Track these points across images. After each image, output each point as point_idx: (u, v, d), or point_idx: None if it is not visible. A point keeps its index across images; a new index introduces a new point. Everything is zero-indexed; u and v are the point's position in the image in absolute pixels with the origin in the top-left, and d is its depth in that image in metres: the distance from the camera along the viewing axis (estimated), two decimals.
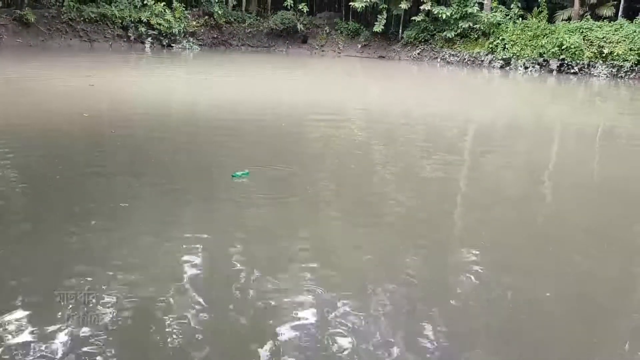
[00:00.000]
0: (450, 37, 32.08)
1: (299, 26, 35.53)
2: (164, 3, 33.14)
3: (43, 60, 23.39)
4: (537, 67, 28.87)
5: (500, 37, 30.35)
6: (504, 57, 29.85)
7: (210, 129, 11.91)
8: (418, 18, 32.63)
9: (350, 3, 34.64)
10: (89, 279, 4.74)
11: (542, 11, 30.87)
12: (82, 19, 30.73)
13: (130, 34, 31.85)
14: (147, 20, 31.89)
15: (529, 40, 29.32)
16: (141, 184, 7.61)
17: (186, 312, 4.34)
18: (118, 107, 13.71)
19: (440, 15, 31.65)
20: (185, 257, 5.30)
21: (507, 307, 4.80)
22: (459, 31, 31.80)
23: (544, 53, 28.66)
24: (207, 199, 7.10)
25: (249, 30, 35.91)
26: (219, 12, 34.77)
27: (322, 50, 35.62)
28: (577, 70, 27.95)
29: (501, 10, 31.90)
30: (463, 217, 7.19)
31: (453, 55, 32.03)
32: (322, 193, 7.68)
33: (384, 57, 34.37)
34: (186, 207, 6.77)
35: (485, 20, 30.89)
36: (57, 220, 6.15)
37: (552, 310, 4.78)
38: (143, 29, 31.88)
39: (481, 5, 31.85)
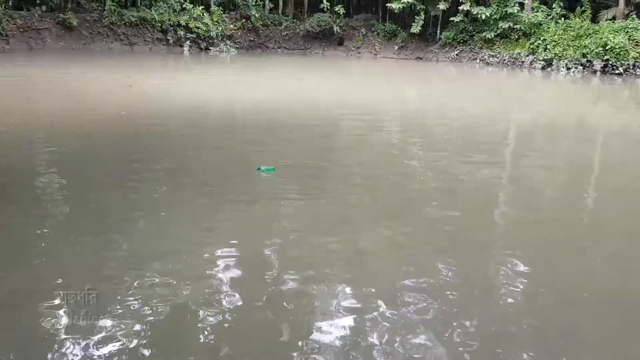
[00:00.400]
0: (489, 37, 31.50)
1: (335, 28, 35.45)
2: (202, 7, 33.55)
3: (85, 63, 23.89)
4: (580, 68, 28.05)
5: (542, 38, 29.63)
6: (546, 57, 29.11)
7: (245, 127, 11.96)
8: (457, 19, 32.16)
9: (387, 4, 34.38)
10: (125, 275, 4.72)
11: (585, 11, 30.00)
12: (122, 22, 31.29)
13: (169, 38, 32.27)
14: (186, 23, 32.28)
15: (572, 41, 28.52)
16: (172, 179, 7.61)
17: (220, 309, 4.28)
18: (154, 106, 13.87)
19: (479, 16, 31.11)
20: (217, 254, 5.25)
21: (548, 311, 4.57)
22: (498, 32, 31.19)
23: (587, 53, 27.83)
24: (240, 196, 7.04)
25: (285, 32, 36.00)
26: (256, 15, 34.96)
27: (359, 52, 35.44)
28: (621, 71, 27.05)
29: (542, 10, 31.15)
30: (502, 220, 6.93)
31: (492, 56, 31.42)
32: (355, 192, 7.54)
33: (421, 58, 33.99)
34: (218, 204, 6.72)
35: (526, 20, 30.22)
36: (93, 212, 6.18)
37: (597, 316, 4.53)
38: (182, 33, 32.27)
39: (522, 5, 31.16)
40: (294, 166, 8.32)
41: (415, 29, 33.32)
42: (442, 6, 32.13)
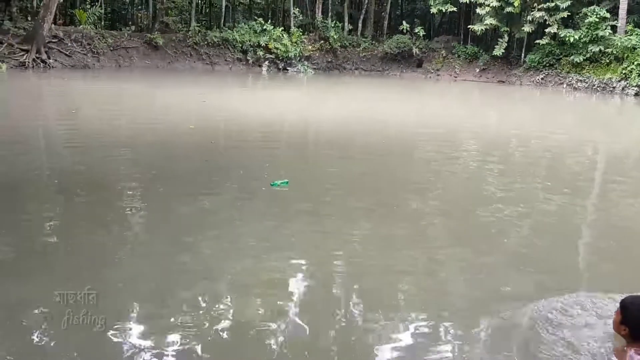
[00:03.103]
0: (578, 61, 29.87)
1: (415, 50, 34.92)
2: (282, 28, 34.07)
3: (167, 80, 24.76)
4: None
5: (636, 62, 27.71)
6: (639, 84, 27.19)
7: (317, 145, 11.75)
8: (542, 41, 30.75)
9: (469, 26, 33.53)
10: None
11: None
12: (205, 43, 32.31)
13: (249, 58, 32.95)
14: (266, 44, 32.86)
15: None
16: (226, 189, 7.41)
17: (286, 329, 4.10)
18: (224, 121, 14.07)
19: (567, 39, 29.62)
20: (287, 270, 5.12)
21: None
22: (588, 55, 29.51)
23: None
24: (303, 215, 6.71)
25: (363, 54, 35.89)
26: (335, 36, 35.10)
27: (438, 75, 34.67)
28: None
29: (637, 34, 29.16)
30: (586, 259, 6.15)
31: (581, 80, 29.74)
32: (428, 217, 7.06)
33: (503, 82, 32.74)
34: (285, 219, 6.43)
35: (619, 44, 28.40)
36: (156, 220, 6.03)
37: None
38: (261, 53, 32.88)
39: (614, 28, 29.39)
40: (362, 185, 8.07)
41: (498, 51, 32.19)
42: (527, 28, 30.90)
